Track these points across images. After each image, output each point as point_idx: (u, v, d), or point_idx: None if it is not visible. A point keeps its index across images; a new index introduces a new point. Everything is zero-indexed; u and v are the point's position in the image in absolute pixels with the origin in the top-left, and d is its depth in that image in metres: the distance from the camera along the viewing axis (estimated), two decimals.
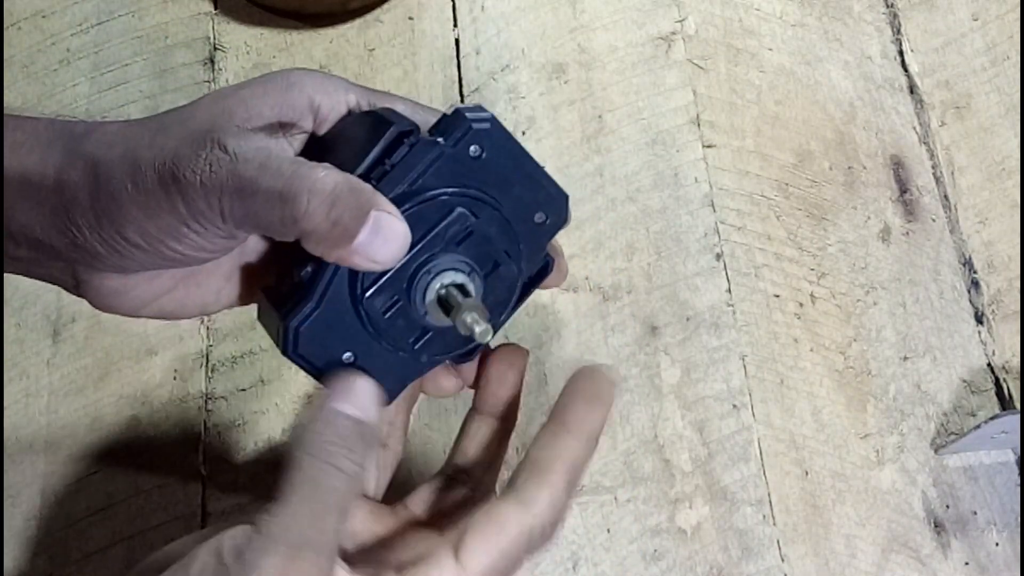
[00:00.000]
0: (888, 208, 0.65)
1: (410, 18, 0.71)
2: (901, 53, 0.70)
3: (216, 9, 0.71)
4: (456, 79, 0.69)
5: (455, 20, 0.71)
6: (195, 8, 0.71)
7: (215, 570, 0.31)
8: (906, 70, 0.69)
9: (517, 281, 0.39)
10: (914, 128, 0.67)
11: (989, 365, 0.61)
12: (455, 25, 0.70)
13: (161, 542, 0.37)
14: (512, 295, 0.39)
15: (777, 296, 0.62)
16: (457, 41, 0.70)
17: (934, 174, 0.66)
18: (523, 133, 0.67)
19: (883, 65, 0.69)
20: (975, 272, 0.63)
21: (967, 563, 0.56)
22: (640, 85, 0.68)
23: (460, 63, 0.69)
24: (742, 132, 0.67)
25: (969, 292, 0.63)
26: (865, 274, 0.63)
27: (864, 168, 0.66)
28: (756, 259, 0.63)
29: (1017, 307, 0.62)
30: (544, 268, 0.40)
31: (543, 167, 0.39)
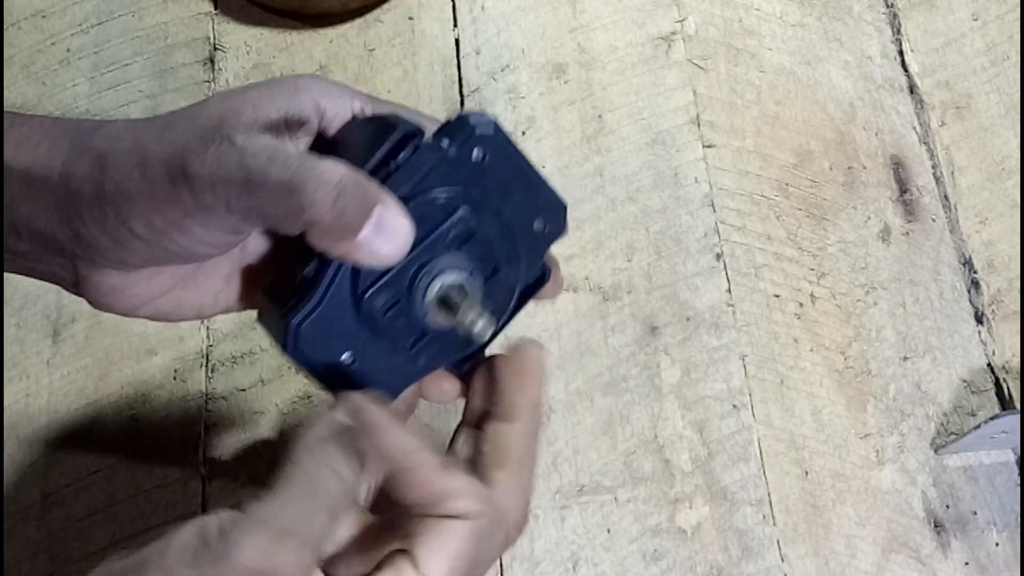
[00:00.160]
0: (888, 208, 0.65)
1: (410, 18, 0.71)
2: (901, 53, 0.70)
3: (216, 9, 0.71)
4: (456, 79, 0.69)
5: (455, 20, 0.71)
6: (195, 8, 0.71)
7: (196, 548, 0.31)
8: (906, 70, 0.69)
9: (516, 286, 0.40)
10: (914, 128, 0.67)
11: (989, 365, 0.61)
12: (455, 25, 0.70)
13: None
14: (510, 300, 0.40)
15: (777, 296, 0.62)
16: (457, 41, 0.70)
17: (934, 174, 0.66)
18: (523, 133, 0.67)
19: (883, 65, 0.69)
20: (975, 272, 0.63)
21: (967, 563, 0.56)
22: (640, 85, 0.68)
23: (460, 63, 0.69)
24: (742, 132, 0.67)
25: (969, 292, 0.63)
26: (865, 274, 0.63)
27: (864, 168, 0.66)
28: (756, 259, 0.63)
29: (1017, 307, 0.62)
30: (541, 277, 0.41)
31: (544, 176, 0.39)
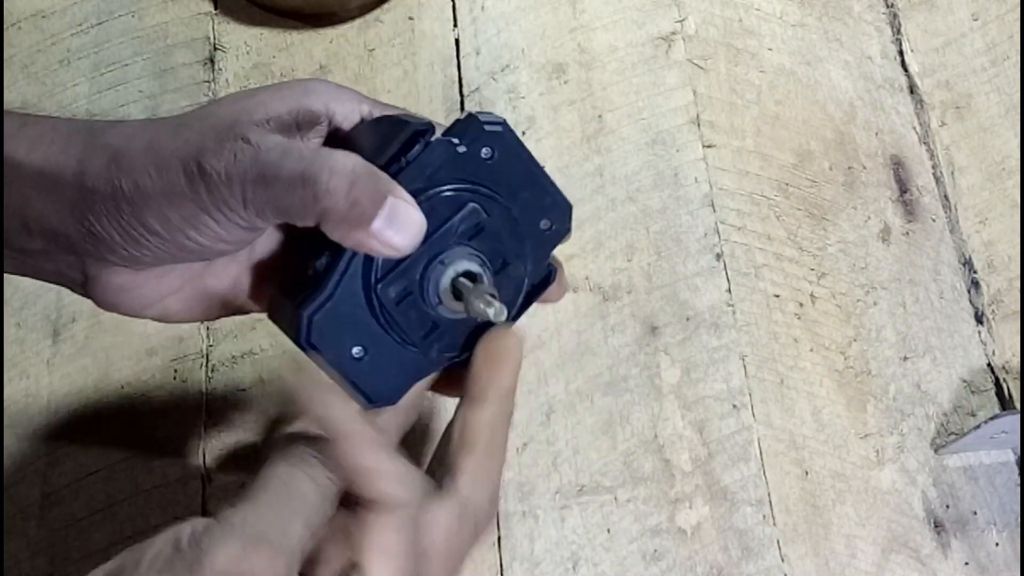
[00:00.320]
0: (888, 208, 0.65)
1: (410, 18, 0.71)
2: (901, 53, 0.70)
3: (216, 9, 0.71)
4: (456, 79, 0.69)
5: (455, 20, 0.71)
6: (195, 8, 0.71)
7: (169, 555, 0.31)
8: (906, 70, 0.69)
9: (523, 284, 0.40)
10: (914, 128, 0.67)
11: (989, 365, 0.61)
12: (455, 25, 0.70)
13: None
14: (518, 297, 0.40)
15: (777, 296, 0.62)
16: (457, 41, 0.70)
17: (934, 174, 0.66)
18: (523, 133, 0.67)
19: (883, 65, 0.69)
20: (975, 272, 0.63)
21: (967, 563, 0.56)
22: (640, 85, 0.68)
23: (460, 63, 0.69)
24: (742, 132, 0.67)
25: (969, 292, 0.63)
26: (865, 274, 0.63)
27: (864, 168, 0.66)
28: (756, 259, 0.63)
29: (1017, 307, 0.62)
30: (547, 277, 0.41)
31: (551, 177, 0.40)
